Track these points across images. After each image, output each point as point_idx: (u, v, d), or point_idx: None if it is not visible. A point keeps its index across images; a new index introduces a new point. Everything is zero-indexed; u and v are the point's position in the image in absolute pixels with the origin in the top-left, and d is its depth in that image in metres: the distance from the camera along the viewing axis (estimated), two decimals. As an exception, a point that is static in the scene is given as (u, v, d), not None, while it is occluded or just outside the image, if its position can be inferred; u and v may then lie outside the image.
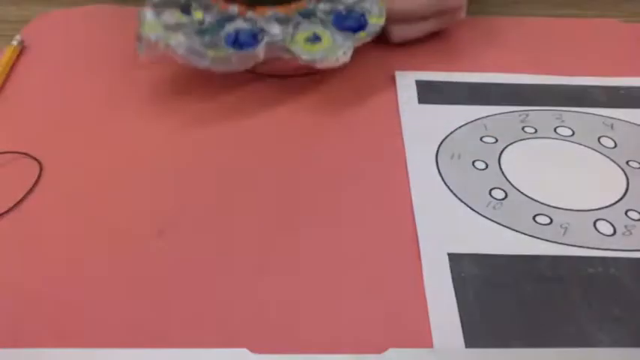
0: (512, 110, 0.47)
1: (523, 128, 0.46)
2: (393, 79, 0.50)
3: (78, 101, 0.47)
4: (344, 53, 0.45)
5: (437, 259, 0.35)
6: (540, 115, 0.47)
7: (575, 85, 0.50)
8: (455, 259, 0.35)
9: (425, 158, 0.42)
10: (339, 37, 0.46)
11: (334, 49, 0.45)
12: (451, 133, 0.45)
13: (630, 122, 0.46)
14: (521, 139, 0.44)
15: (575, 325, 0.32)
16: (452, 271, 0.35)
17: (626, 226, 0.38)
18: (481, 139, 0.44)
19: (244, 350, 0.30)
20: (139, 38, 0.45)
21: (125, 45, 0.51)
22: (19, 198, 0.39)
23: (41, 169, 0.41)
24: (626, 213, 0.39)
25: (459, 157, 0.43)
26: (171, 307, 0.33)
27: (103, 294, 0.33)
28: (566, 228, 0.37)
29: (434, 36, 0.54)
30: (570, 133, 0.45)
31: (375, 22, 0.48)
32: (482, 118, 0.46)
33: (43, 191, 0.40)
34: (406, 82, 0.50)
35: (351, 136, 0.45)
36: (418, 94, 0.49)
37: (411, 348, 0.31)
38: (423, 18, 0.51)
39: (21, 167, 0.41)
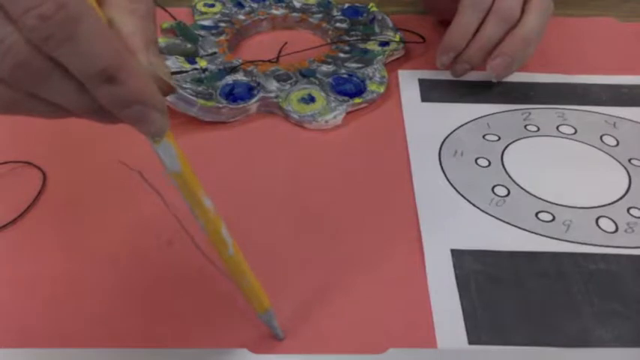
0: (514, 108, 0.47)
1: (525, 126, 0.46)
2: (396, 78, 0.51)
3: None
4: (335, 117, 0.45)
5: (440, 256, 0.35)
6: (543, 113, 0.47)
7: (578, 83, 0.50)
8: (458, 255, 0.35)
9: (428, 156, 0.43)
10: (334, 100, 0.47)
11: (325, 112, 0.46)
12: (454, 131, 0.45)
13: (633, 120, 0.46)
14: (523, 137, 0.45)
15: (577, 321, 0.32)
16: (455, 268, 0.35)
17: (628, 224, 0.38)
18: (484, 137, 0.44)
19: (244, 350, 0.31)
20: None
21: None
22: (23, 207, 0.38)
23: (45, 178, 0.41)
24: (628, 210, 0.39)
25: (462, 154, 0.43)
26: (172, 307, 0.33)
27: (106, 297, 0.33)
28: (568, 225, 0.37)
29: (436, 35, 0.54)
30: (573, 131, 0.45)
31: (374, 90, 0.48)
32: (485, 116, 0.47)
33: (47, 200, 0.39)
34: (409, 81, 0.50)
35: (355, 134, 0.45)
36: (421, 92, 0.49)
37: (414, 344, 0.31)
38: None
39: (25, 176, 0.41)
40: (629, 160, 0.43)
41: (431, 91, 0.49)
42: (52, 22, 0.21)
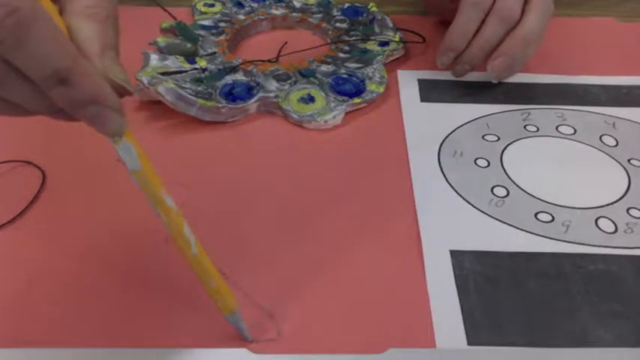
0: (514, 109, 0.47)
1: (525, 126, 0.46)
2: (395, 78, 0.51)
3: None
4: (334, 117, 0.45)
5: (439, 256, 0.35)
6: (542, 113, 0.47)
7: (577, 83, 0.50)
8: (457, 256, 0.35)
9: (427, 156, 0.43)
10: (333, 100, 0.47)
11: (325, 112, 0.46)
12: (453, 131, 0.45)
13: (632, 121, 0.46)
14: (523, 138, 0.45)
15: (576, 322, 0.32)
16: (454, 268, 0.35)
17: (627, 224, 0.38)
18: (483, 137, 0.44)
19: (244, 350, 0.31)
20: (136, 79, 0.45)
21: (125, 46, 0.51)
22: (22, 206, 0.38)
23: (44, 178, 0.41)
24: (627, 211, 0.39)
25: (461, 155, 0.43)
26: (171, 307, 0.33)
27: (106, 298, 0.33)
28: (567, 225, 0.37)
29: (436, 35, 0.54)
30: (572, 131, 0.45)
31: (374, 90, 0.48)
32: (484, 116, 0.47)
33: (46, 199, 0.39)
34: (408, 81, 0.50)
35: (354, 134, 0.45)
36: (420, 92, 0.49)
37: (413, 345, 0.31)
38: None
39: (24, 176, 0.41)
40: (629, 161, 0.43)
41: (430, 91, 0.49)
42: (2, 28, 0.22)
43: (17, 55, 0.23)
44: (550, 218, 0.38)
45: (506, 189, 0.40)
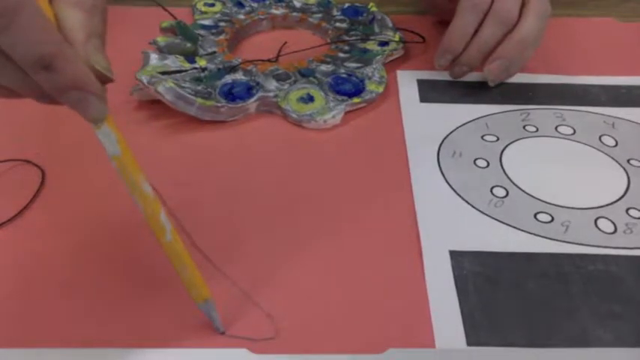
0: (513, 109, 0.47)
1: (524, 127, 0.46)
2: (395, 78, 0.51)
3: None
4: (333, 117, 0.45)
5: (438, 257, 0.35)
6: (541, 113, 0.47)
7: (577, 84, 0.50)
8: (456, 256, 0.35)
9: (426, 156, 0.43)
10: (333, 100, 0.47)
11: (324, 112, 0.45)
12: (452, 131, 0.45)
13: (631, 121, 0.47)
14: (522, 138, 0.45)
15: (576, 322, 0.32)
16: (453, 269, 0.35)
17: (627, 224, 0.38)
18: (482, 138, 0.44)
19: (244, 350, 0.31)
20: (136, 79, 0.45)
21: (125, 46, 0.51)
22: (22, 205, 0.38)
23: (44, 177, 0.41)
24: (627, 211, 0.39)
25: (461, 155, 0.43)
26: (171, 306, 0.33)
27: (106, 297, 0.33)
28: (567, 226, 0.38)
29: (436, 35, 0.54)
30: (571, 131, 0.45)
31: (373, 89, 0.48)
32: (484, 116, 0.47)
33: (45, 198, 0.39)
34: (408, 81, 0.50)
35: (353, 134, 0.45)
36: (420, 92, 0.49)
37: (413, 345, 0.31)
38: None
39: (23, 175, 0.41)
40: (628, 161, 0.43)
41: (429, 92, 0.49)
42: None
43: (4, 40, 0.23)
44: (549, 218, 0.38)
45: (506, 189, 0.40)
